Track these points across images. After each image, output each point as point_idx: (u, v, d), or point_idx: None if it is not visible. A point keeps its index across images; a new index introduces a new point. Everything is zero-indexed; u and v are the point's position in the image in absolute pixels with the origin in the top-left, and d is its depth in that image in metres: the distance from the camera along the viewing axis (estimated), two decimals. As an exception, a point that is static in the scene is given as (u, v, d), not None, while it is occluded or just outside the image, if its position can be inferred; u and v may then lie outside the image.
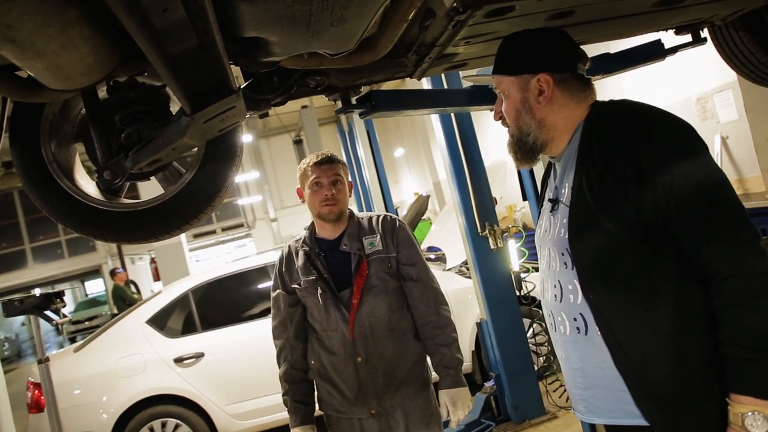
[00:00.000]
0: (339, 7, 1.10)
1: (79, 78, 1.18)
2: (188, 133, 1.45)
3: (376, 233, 2.03)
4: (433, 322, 2.01)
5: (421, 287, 2.03)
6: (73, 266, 17.21)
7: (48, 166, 1.67)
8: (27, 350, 18.10)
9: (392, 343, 1.97)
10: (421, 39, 1.59)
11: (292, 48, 1.30)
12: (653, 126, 1.19)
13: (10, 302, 2.68)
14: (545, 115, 1.30)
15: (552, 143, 1.33)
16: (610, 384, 1.21)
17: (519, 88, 1.31)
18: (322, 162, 2.02)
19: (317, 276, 1.99)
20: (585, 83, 1.33)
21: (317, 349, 2.02)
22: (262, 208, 18.36)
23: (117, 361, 4.01)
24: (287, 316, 2.05)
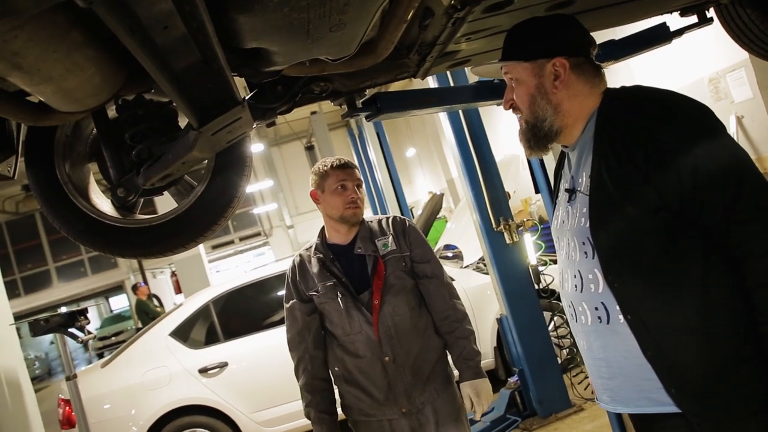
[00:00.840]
0: (337, 12, 1.10)
1: (88, 99, 1.21)
2: (197, 146, 1.47)
3: (388, 234, 2.06)
4: (450, 316, 2.03)
5: (437, 283, 2.05)
6: (96, 283, 17.48)
7: (63, 187, 1.70)
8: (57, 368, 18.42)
9: (416, 339, 2.00)
10: (422, 39, 1.60)
11: (293, 56, 1.31)
12: (671, 109, 1.18)
13: (36, 322, 2.74)
14: (561, 100, 1.29)
15: (566, 130, 1.31)
16: (635, 372, 1.19)
17: (533, 74, 1.30)
18: (346, 165, 2.05)
19: (335, 281, 2.00)
20: (598, 69, 1.32)
21: (340, 355, 2.02)
22: (278, 215, 18.46)
23: (143, 374, 4.06)
24: (305, 326, 2.05)
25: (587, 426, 3.32)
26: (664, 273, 1.15)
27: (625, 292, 1.18)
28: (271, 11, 1.03)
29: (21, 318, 11.10)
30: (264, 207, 18.06)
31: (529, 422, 3.57)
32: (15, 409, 2.81)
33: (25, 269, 16.94)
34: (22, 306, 17.79)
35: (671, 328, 1.14)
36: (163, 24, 1.01)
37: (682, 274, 1.14)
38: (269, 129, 17.98)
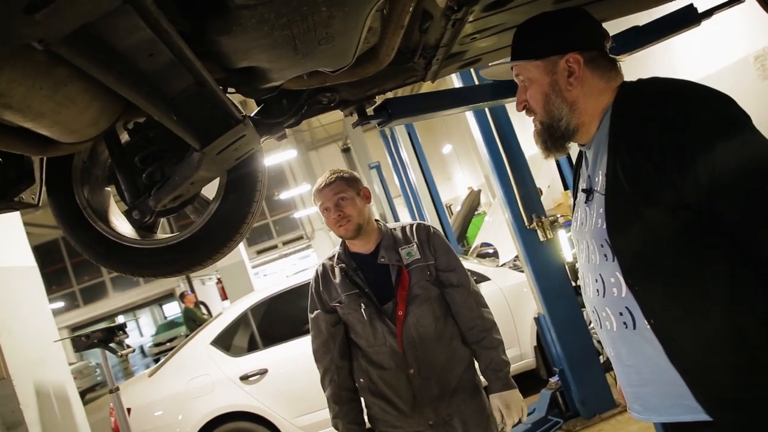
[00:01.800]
0: (321, 26, 1.08)
1: (87, 129, 1.23)
2: (203, 166, 1.47)
3: (412, 242, 2.01)
4: (478, 325, 1.98)
5: (463, 292, 1.99)
6: (149, 292, 18.15)
7: (83, 212, 1.75)
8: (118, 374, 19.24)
9: (442, 350, 1.95)
10: (424, 42, 1.55)
11: (287, 71, 1.30)
12: (688, 101, 1.10)
13: (77, 338, 2.85)
14: (576, 97, 1.24)
15: (582, 128, 1.26)
16: (666, 379, 1.12)
17: (546, 72, 1.24)
18: (322, 187, 2.03)
19: (359, 291, 1.97)
20: (613, 63, 1.25)
21: (365, 366, 2.00)
22: (318, 218, 18.68)
23: (187, 383, 4.16)
24: (329, 337, 2.03)
25: (632, 427, 3.19)
26: (687, 275, 1.08)
27: (646, 296, 1.12)
28: (251, 31, 1.01)
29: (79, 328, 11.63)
30: (305, 211, 18.30)
31: (572, 423, 3.46)
32: (64, 421, 2.92)
33: (82, 281, 17.74)
34: (83, 316, 18.66)
35: (697, 335, 1.07)
36: (147, 52, 1.01)
37: (706, 276, 1.07)
38: (306, 133, 18.23)
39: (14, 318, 2.81)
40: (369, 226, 2.03)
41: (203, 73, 1.09)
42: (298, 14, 1.00)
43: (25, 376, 2.73)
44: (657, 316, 1.11)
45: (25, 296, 3.00)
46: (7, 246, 2.98)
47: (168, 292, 18.36)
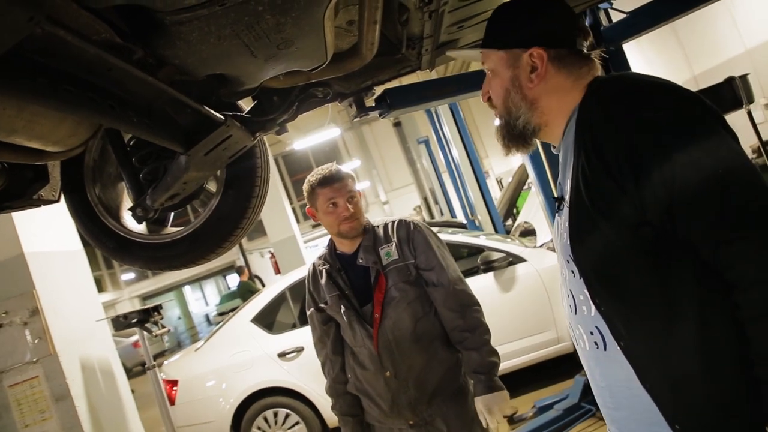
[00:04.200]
0: (273, 32, 1.07)
1: (68, 140, 1.28)
2: (192, 167, 1.51)
3: (392, 241, 1.95)
4: (459, 326, 1.91)
5: (443, 291, 1.92)
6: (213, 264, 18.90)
7: (94, 208, 1.84)
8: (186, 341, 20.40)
9: (420, 353, 1.91)
10: (408, 34, 1.51)
11: (257, 75, 1.29)
12: (648, 102, 1.00)
13: (116, 318, 3.04)
14: (538, 95, 1.14)
15: (546, 128, 1.16)
16: (641, 404, 1.04)
17: (508, 65, 1.16)
18: (332, 180, 1.93)
19: (339, 293, 1.96)
20: (584, 60, 1.14)
21: (352, 364, 2.01)
22: (372, 192, 18.78)
23: (229, 357, 4.37)
24: (323, 333, 2.05)
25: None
26: (653, 296, 0.99)
27: (613, 317, 1.04)
28: (197, 44, 1.01)
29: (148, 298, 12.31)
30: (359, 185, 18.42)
31: (605, 411, 3.37)
32: (108, 393, 3.14)
33: (151, 254, 18.75)
34: (152, 286, 19.82)
35: (668, 359, 0.99)
36: (105, 67, 1.03)
37: (673, 297, 0.98)
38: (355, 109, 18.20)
39: (60, 299, 3.02)
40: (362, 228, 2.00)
41: (162, 86, 1.10)
42: (241, 25, 0.99)
43: (71, 353, 2.94)
44: (625, 339, 1.04)
45: (70, 279, 3.21)
46: (52, 232, 3.18)
47: (230, 264, 19.13)
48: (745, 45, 5.84)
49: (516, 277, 4.14)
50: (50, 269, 3.03)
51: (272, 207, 9.40)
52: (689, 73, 6.62)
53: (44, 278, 2.96)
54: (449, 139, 6.77)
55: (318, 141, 10.05)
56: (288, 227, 10.61)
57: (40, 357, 2.84)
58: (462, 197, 7.34)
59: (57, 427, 2.83)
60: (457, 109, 6.53)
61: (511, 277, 4.14)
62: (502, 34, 1.17)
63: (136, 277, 19.66)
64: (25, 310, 2.85)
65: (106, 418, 3.05)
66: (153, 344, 14.28)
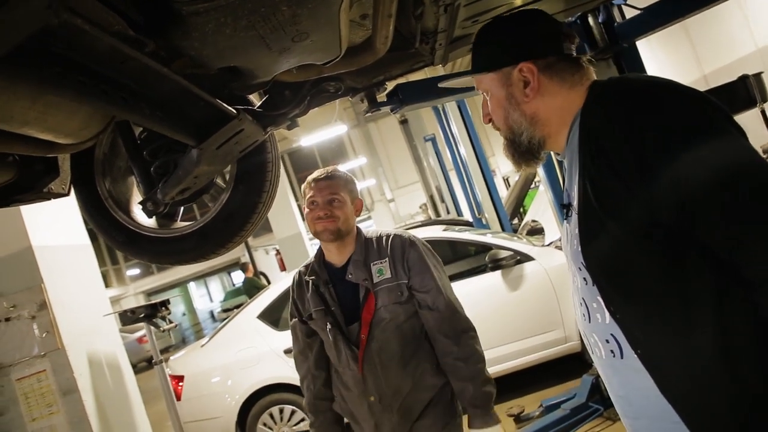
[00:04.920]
0: (288, 24, 1.05)
1: (79, 132, 1.27)
2: (203, 161, 1.50)
3: (385, 257, 1.82)
4: (453, 353, 1.78)
5: (437, 316, 1.79)
6: (216, 261, 18.99)
7: (104, 202, 1.83)
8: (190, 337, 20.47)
9: (407, 379, 1.81)
10: (422, 28, 1.49)
11: (271, 67, 1.28)
12: (654, 102, 0.98)
13: (124, 313, 3.04)
14: (536, 109, 1.14)
15: (550, 139, 1.16)
16: (660, 413, 1.01)
17: (501, 84, 1.16)
18: (319, 179, 1.84)
19: (325, 308, 1.83)
20: (576, 64, 1.14)
21: (336, 383, 1.92)
22: (378, 190, 18.78)
23: (235, 353, 4.37)
24: (306, 346, 1.94)
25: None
26: (670, 300, 0.97)
27: (629, 324, 1.02)
28: (213, 35, 1.00)
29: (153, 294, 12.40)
30: (364, 182, 18.44)
31: (612, 411, 3.35)
32: (115, 387, 3.14)
33: (156, 250, 18.82)
34: (156, 282, 19.87)
35: (687, 366, 0.96)
36: (120, 59, 1.02)
37: (690, 299, 0.95)
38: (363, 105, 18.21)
39: (67, 293, 3.02)
40: (349, 238, 1.85)
41: (176, 78, 1.09)
42: (257, 16, 0.98)
43: (79, 347, 2.95)
44: (643, 345, 1.01)
45: (78, 273, 3.21)
46: (60, 225, 3.19)
47: (235, 260, 19.18)
48: (756, 44, 5.79)
49: (524, 275, 4.12)
50: (58, 263, 3.04)
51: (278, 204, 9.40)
52: (699, 72, 6.57)
53: (52, 272, 2.96)
54: (457, 136, 6.75)
55: (324, 138, 10.04)
56: (294, 224, 10.64)
57: (47, 351, 2.85)
58: (469, 195, 7.32)
59: (64, 421, 2.83)
60: (465, 106, 6.51)
61: (519, 276, 4.12)
62: (489, 55, 1.18)
63: (141, 272, 19.74)
64: (33, 303, 2.86)
65: (113, 412, 3.06)
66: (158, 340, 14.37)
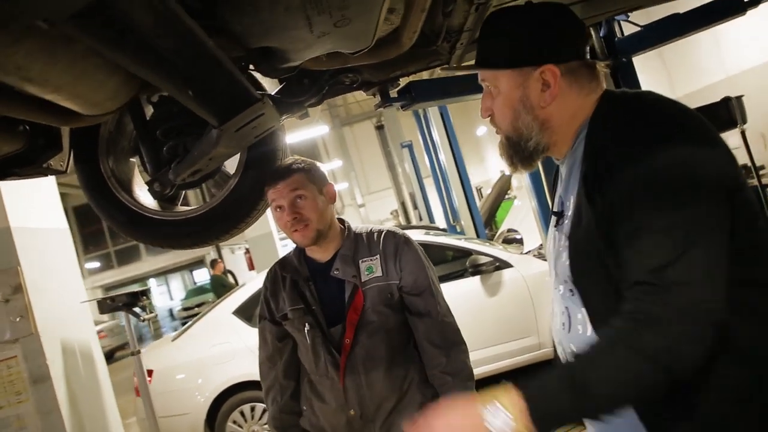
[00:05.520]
0: (336, 9, 1.06)
1: (105, 103, 1.25)
2: (221, 143, 1.49)
3: (376, 254, 1.66)
4: (442, 364, 1.64)
5: (429, 322, 1.65)
6: (180, 258, 18.64)
7: (107, 181, 1.79)
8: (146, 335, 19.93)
9: (393, 391, 1.64)
10: (448, 26, 1.52)
11: (305, 52, 1.29)
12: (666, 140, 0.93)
13: (103, 301, 2.96)
14: (550, 115, 1.07)
15: (554, 147, 1.11)
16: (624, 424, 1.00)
17: (517, 84, 1.07)
18: (276, 178, 1.62)
19: (304, 307, 1.65)
20: (593, 72, 1.08)
21: (308, 394, 1.70)
22: (349, 194, 18.76)
23: (209, 349, 4.28)
24: (275, 351, 1.74)
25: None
26: None
27: None
28: (264, 12, 1.00)
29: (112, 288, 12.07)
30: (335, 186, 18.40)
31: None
32: (88, 378, 3.05)
33: (117, 243, 18.33)
34: (116, 277, 19.30)
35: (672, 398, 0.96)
36: (158, 30, 1.01)
37: None
38: (340, 109, 18.22)
39: (44, 278, 2.92)
40: (331, 231, 1.67)
41: (217, 54, 1.09)
42: (312, -4, 0.98)
43: (53, 334, 2.84)
44: None
45: (55, 257, 3.11)
46: (40, 208, 3.08)
47: (198, 258, 18.81)
48: (726, 72, 6.07)
49: (502, 281, 4.19)
50: (35, 246, 2.93)
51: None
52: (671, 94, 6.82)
53: (29, 255, 2.85)
54: (437, 143, 6.82)
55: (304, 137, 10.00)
56: (265, 224, 10.51)
57: (20, 336, 2.73)
58: (445, 202, 7.40)
59: (33, 410, 2.73)
60: (447, 113, 6.59)
61: (498, 282, 4.19)
62: (507, 49, 1.08)
63: (101, 266, 19.14)
64: (7, 286, 2.74)
65: (83, 403, 2.96)
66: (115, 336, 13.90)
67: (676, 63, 6.78)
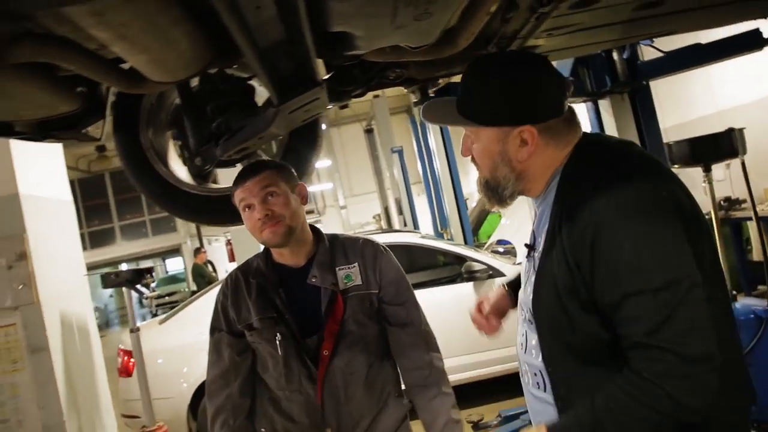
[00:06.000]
0: (424, 1, 1.11)
1: (179, 71, 1.27)
2: (275, 123, 1.52)
3: (354, 262, 1.60)
4: (425, 375, 1.60)
5: (413, 332, 1.62)
6: (155, 244, 18.34)
7: (145, 152, 1.81)
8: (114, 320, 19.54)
9: (371, 406, 1.58)
10: (502, 32, 1.58)
11: (376, 42, 1.33)
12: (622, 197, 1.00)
13: (107, 275, 2.93)
14: (527, 167, 1.14)
15: (530, 191, 1.19)
16: None
17: (497, 139, 1.13)
18: (245, 177, 1.54)
19: (276, 317, 1.54)
20: (571, 122, 1.15)
21: (270, 413, 1.58)
22: (332, 195, 18.74)
23: (196, 335, 4.25)
24: (232, 367, 1.58)
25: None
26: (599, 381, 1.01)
27: (560, 383, 1.09)
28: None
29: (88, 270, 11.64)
30: (319, 186, 18.37)
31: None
32: (83, 352, 3.02)
33: (92, 225, 17.95)
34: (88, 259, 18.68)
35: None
36: (255, 4, 1.05)
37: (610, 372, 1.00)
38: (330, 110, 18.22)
39: (48, 248, 2.89)
40: (303, 234, 1.58)
41: (306, 32, 1.13)
42: (407, -15, 1.03)
43: (53, 305, 2.82)
44: (565, 403, 1.07)
45: (60, 229, 3.08)
46: (48, 178, 3.05)
47: (175, 247, 18.54)
48: (717, 106, 6.29)
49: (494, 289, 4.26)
50: (42, 215, 2.90)
51: (239, 193, 9.26)
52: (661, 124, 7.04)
53: (35, 223, 2.82)
54: (432, 150, 6.91)
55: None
56: (249, 216, 10.50)
57: (21, 304, 2.70)
58: (434, 209, 7.48)
59: (29, 379, 2.69)
60: (446, 123, 6.68)
61: (490, 290, 4.26)
62: (490, 109, 1.13)
63: (73, 246, 18.72)
64: (11, 253, 2.71)
65: (78, 377, 2.93)
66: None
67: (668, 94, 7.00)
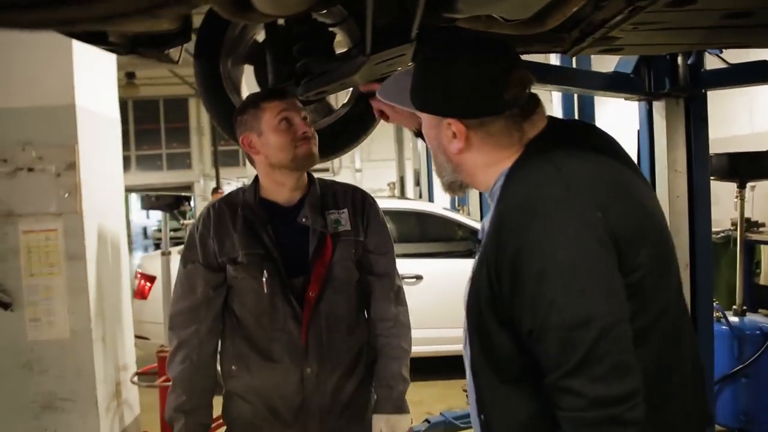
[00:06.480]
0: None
1: (290, 5, 1.32)
2: (360, 71, 1.57)
3: (344, 208, 1.61)
4: (390, 327, 1.63)
5: (387, 284, 1.65)
6: (168, 179, 18.44)
7: (223, 82, 1.86)
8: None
9: (348, 351, 1.59)
10: (591, 18, 1.61)
11: (477, 8, 1.36)
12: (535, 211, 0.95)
13: (147, 197, 3.02)
14: (463, 160, 1.08)
15: (474, 186, 1.14)
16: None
17: (432, 125, 1.10)
18: (279, 94, 1.55)
19: (263, 253, 1.51)
20: (518, 123, 1.05)
21: (245, 351, 1.55)
22: (349, 156, 18.73)
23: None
24: (204, 302, 1.54)
25: None
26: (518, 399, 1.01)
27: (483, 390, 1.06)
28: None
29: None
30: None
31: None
32: (113, 266, 3.14)
33: (110, 150, 18.03)
34: (100, 183, 19.04)
35: None
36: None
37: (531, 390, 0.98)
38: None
39: (96, 162, 2.97)
40: None
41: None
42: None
43: (93, 217, 2.92)
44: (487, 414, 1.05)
45: (106, 145, 3.16)
46: (101, 93, 3.12)
47: (187, 184, 18.64)
48: (753, 128, 6.26)
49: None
50: (94, 130, 2.98)
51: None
52: (694, 137, 7.02)
53: (86, 136, 2.90)
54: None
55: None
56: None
57: (64, 212, 2.80)
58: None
59: (63, 284, 2.81)
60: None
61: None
62: (421, 93, 1.10)
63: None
64: (61, 161, 2.79)
65: (107, 288, 3.05)
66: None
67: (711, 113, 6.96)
